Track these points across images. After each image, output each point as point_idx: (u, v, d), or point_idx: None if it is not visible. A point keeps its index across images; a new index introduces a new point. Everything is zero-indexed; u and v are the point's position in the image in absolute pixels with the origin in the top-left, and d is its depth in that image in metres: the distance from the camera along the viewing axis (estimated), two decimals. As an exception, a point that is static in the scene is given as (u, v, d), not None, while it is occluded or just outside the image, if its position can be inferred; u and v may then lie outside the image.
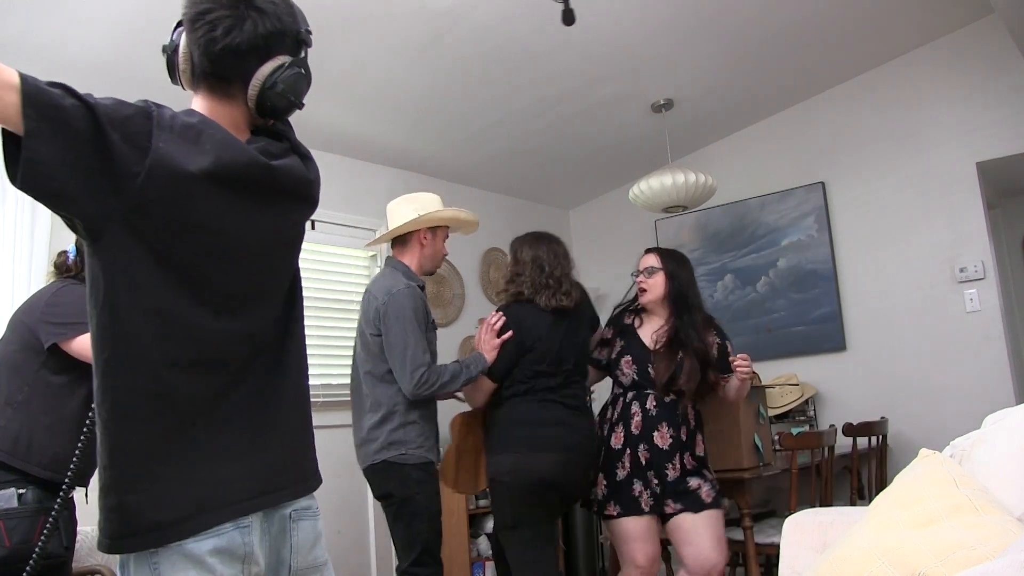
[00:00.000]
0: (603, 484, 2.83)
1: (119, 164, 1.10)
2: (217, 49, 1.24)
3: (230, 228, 1.24)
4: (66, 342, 2.05)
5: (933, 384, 4.28)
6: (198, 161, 1.18)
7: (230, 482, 1.20)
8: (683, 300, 2.88)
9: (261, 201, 1.28)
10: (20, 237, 2.97)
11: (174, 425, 1.18)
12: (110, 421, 1.15)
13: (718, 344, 2.92)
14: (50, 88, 1.08)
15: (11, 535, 1.92)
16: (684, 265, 2.97)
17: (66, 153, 1.07)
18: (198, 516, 1.16)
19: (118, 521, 1.15)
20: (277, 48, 1.28)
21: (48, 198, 1.10)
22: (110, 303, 1.15)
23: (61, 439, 2.06)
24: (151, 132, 1.14)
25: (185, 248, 1.19)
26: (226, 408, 1.23)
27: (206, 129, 1.22)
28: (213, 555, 1.17)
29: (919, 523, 1.42)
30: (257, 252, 1.29)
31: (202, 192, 1.18)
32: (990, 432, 1.70)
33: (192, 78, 1.29)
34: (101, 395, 1.16)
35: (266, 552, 1.27)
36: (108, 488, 1.15)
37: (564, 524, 4.84)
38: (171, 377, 1.17)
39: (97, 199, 1.10)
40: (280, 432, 1.30)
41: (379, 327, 2.72)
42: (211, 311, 1.21)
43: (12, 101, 1.04)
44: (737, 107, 4.79)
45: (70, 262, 2.20)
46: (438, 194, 3.23)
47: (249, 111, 1.30)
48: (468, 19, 3.38)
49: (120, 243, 1.13)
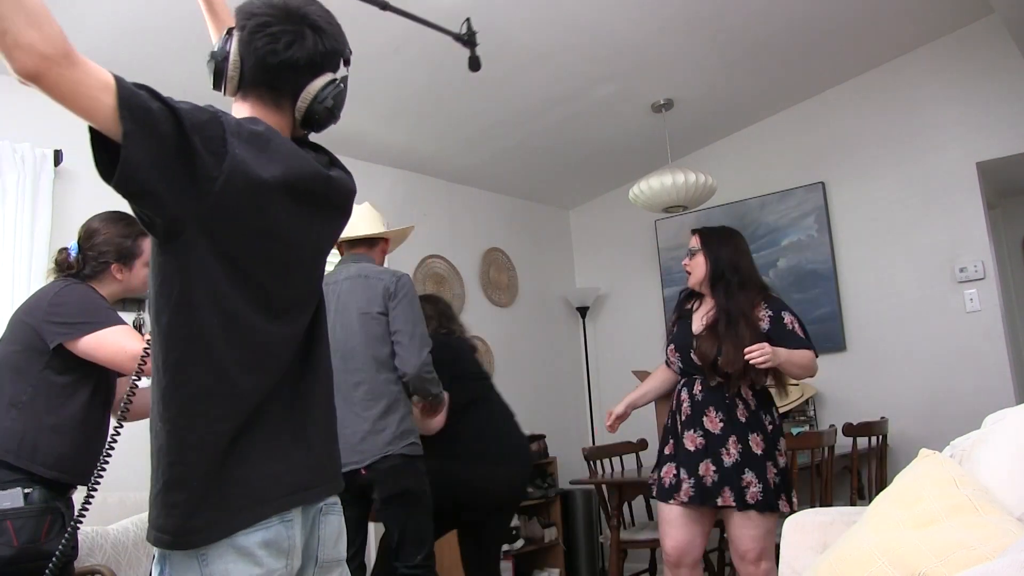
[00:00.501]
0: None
1: (200, 168, 1.14)
2: (276, 61, 1.30)
3: (291, 236, 1.30)
4: (72, 342, 2.04)
5: (933, 384, 4.28)
6: (270, 169, 1.23)
7: (276, 477, 1.25)
8: (722, 278, 2.79)
9: (316, 211, 1.35)
10: (20, 237, 2.96)
11: (237, 424, 1.22)
12: (179, 418, 1.19)
13: (770, 317, 2.75)
14: (139, 90, 1.10)
15: (19, 534, 1.91)
16: (728, 241, 2.86)
17: (155, 155, 1.10)
18: (251, 509, 1.20)
19: (181, 516, 1.17)
20: (328, 65, 1.36)
21: (137, 197, 1.13)
22: (185, 303, 1.18)
23: (65, 439, 2.05)
24: (225, 138, 1.18)
25: (251, 253, 1.24)
26: (273, 408, 1.27)
27: (273, 138, 1.28)
28: (262, 547, 1.21)
29: (919, 523, 1.42)
30: (306, 260, 1.37)
31: (273, 200, 1.24)
32: (990, 432, 1.70)
33: (239, 85, 1.33)
34: (169, 393, 1.19)
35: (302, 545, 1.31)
36: (174, 483, 1.18)
37: (564, 524, 4.84)
38: (236, 377, 1.22)
39: (180, 201, 1.14)
40: (315, 431, 1.34)
41: (386, 306, 2.73)
42: (265, 314, 1.26)
43: (108, 103, 1.06)
44: (737, 107, 4.79)
45: (71, 259, 2.17)
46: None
47: (294, 122, 1.36)
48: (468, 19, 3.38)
49: (196, 245, 1.17)
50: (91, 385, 2.12)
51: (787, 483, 2.70)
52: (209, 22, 1.63)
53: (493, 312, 5.15)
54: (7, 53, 1.00)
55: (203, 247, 1.17)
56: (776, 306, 2.78)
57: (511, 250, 5.36)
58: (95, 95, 1.06)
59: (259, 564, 1.20)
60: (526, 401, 5.16)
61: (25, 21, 0.99)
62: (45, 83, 1.03)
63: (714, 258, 2.82)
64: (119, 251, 2.20)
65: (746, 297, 2.76)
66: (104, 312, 2.10)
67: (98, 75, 1.06)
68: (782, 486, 2.68)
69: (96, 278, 2.18)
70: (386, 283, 2.76)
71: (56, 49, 1.02)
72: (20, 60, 1.00)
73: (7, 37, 0.99)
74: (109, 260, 2.19)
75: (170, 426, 1.19)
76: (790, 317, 2.76)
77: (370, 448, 2.67)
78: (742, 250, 2.86)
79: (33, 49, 1.00)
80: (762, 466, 2.66)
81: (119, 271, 2.21)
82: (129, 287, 2.26)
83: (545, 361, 5.41)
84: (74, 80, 1.04)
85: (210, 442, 1.19)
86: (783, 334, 2.71)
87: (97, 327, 2.04)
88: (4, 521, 1.90)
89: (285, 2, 1.33)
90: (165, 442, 1.19)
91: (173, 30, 2.98)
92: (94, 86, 1.06)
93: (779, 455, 2.71)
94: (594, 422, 5.53)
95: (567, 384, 5.55)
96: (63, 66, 1.02)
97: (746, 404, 2.72)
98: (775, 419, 2.76)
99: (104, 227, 2.20)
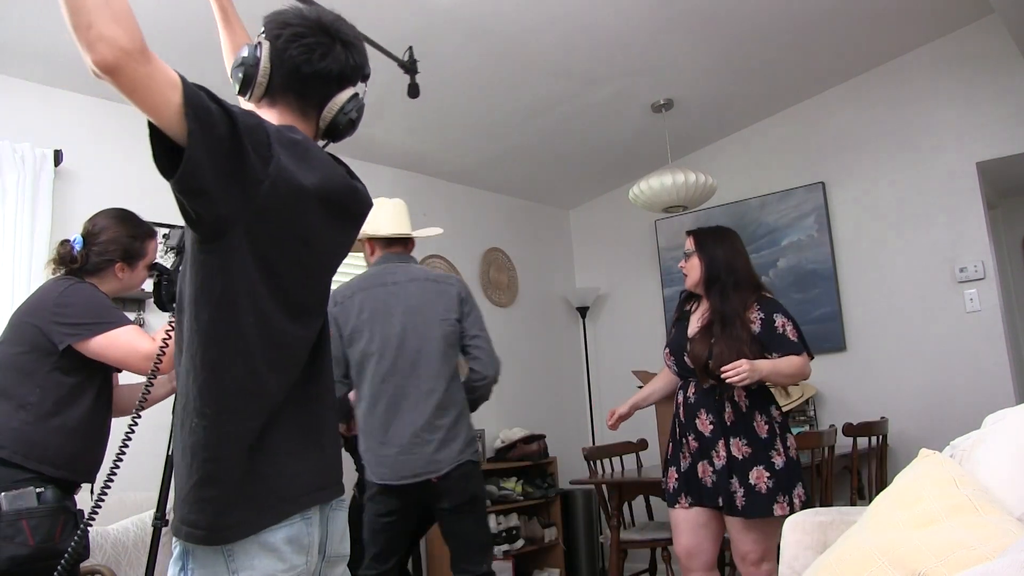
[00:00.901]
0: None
1: (249, 170, 1.17)
2: (310, 71, 1.36)
3: (319, 243, 1.35)
4: (83, 343, 2.04)
5: (933, 384, 4.28)
6: (309, 177, 1.28)
7: (297, 476, 1.28)
8: (718, 280, 2.77)
9: (342, 220, 1.41)
10: (20, 237, 2.96)
11: (264, 422, 1.25)
12: (217, 415, 1.21)
13: (761, 320, 2.70)
14: (199, 90, 1.13)
15: (34, 534, 1.92)
16: (723, 242, 2.83)
17: (213, 155, 1.12)
18: (277, 507, 1.24)
19: (214, 512, 1.20)
20: (353, 79, 1.43)
21: (193, 195, 1.15)
22: (228, 301, 1.21)
23: (73, 439, 2.06)
24: (270, 143, 1.21)
25: (284, 256, 1.27)
26: (290, 409, 1.30)
27: (311, 147, 1.34)
28: (286, 543, 1.24)
29: (919, 523, 1.42)
30: (327, 266, 1.42)
31: (311, 207, 1.29)
32: (990, 432, 1.70)
33: (266, 92, 1.37)
34: (208, 389, 1.21)
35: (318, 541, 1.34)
36: (209, 479, 1.21)
37: (564, 524, 4.84)
38: (267, 377, 1.26)
39: (229, 201, 1.17)
40: (326, 433, 1.39)
41: (461, 311, 2.73)
42: (291, 318, 1.30)
43: (176, 100, 1.08)
44: (737, 107, 4.79)
45: (75, 253, 2.16)
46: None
47: (317, 130, 1.41)
48: (469, 19, 3.38)
49: (239, 246, 1.20)
50: (97, 385, 2.13)
51: (787, 483, 2.63)
52: (223, 32, 1.69)
53: (493, 312, 5.14)
54: (89, 45, 1.02)
55: (244, 248, 1.20)
56: (768, 308, 2.73)
57: (511, 250, 5.36)
58: (165, 92, 1.08)
59: (283, 559, 1.24)
60: (526, 401, 5.16)
61: (110, 15, 1.02)
62: (122, 77, 1.04)
63: (709, 259, 2.80)
64: (126, 250, 2.20)
65: (740, 298, 2.73)
66: (112, 312, 2.10)
67: (167, 73, 1.09)
68: (778, 487, 2.62)
69: (97, 275, 2.18)
70: (457, 288, 2.76)
71: (135, 45, 1.04)
72: (101, 52, 1.02)
73: (92, 30, 1.01)
74: (114, 258, 2.19)
75: (207, 422, 1.21)
76: (782, 319, 2.71)
77: (445, 458, 2.61)
78: (737, 250, 2.84)
79: (116, 43, 1.02)
80: (745, 471, 2.63)
81: (122, 270, 2.21)
82: (127, 287, 2.27)
83: (545, 361, 5.41)
84: (148, 75, 1.06)
85: (243, 439, 1.22)
86: (773, 337, 2.68)
87: (108, 327, 2.04)
88: (19, 520, 1.91)
89: (318, 16, 1.39)
90: (202, 438, 1.21)
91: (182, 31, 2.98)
92: (164, 83, 1.08)
93: (775, 455, 2.64)
94: (594, 422, 5.53)
95: (567, 384, 5.55)
96: (140, 62, 1.05)
97: (736, 407, 2.69)
98: (772, 419, 2.70)
99: (112, 225, 2.20)
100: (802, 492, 2.64)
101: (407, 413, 2.62)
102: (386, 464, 2.61)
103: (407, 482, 2.60)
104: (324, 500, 1.34)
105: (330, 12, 1.42)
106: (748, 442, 2.65)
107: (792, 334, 2.70)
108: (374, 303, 2.68)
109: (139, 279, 2.27)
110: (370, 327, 2.66)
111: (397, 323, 2.67)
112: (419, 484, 2.60)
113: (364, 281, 2.74)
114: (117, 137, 3.40)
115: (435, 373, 2.65)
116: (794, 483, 2.65)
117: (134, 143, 3.44)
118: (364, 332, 2.66)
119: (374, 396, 2.64)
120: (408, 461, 2.59)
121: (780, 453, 2.66)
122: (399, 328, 2.67)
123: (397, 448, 2.60)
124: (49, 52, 3.02)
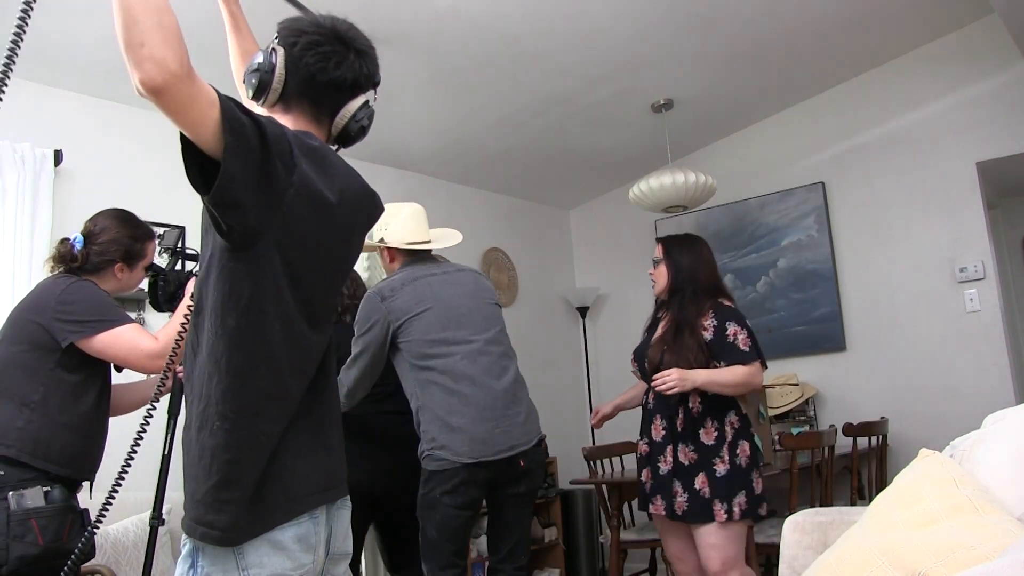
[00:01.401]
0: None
1: (276, 180, 1.20)
2: (325, 79, 1.38)
3: (338, 249, 1.38)
4: (86, 340, 2.04)
5: (933, 384, 4.28)
6: (328, 184, 1.30)
7: (306, 476, 1.30)
8: (679, 289, 2.79)
9: (358, 226, 1.45)
10: (20, 237, 2.96)
11: (286, 425, 1.28)
12: (240, 418, 1.23)
13: (714, 328, 2.70)
14: (232, 103, 1.14)
15: (44, 533, 1.92)
16: (691, 249, 2.85)
17: (247, 168, 1.14)
18: (286, 507, 1.26)
19: (236, 514, 1.21)
20: (364, 87, 1.45)
21: (227, 207, 1.16)
22: (255, 309, 1.23)
23: (77, 436, 2.07)
24: (293, 151, 1.23)
25: (306, 264, 1.29)
26: (302, 410, 1.32)
27: (328, 154, 1.36)
28: (295, 542, 1.27)
29: (919, 523, 1.42)
30: (343, 271, 1.45)
31: (331, 214, 1.31)
32: (990, 432, 1.70)
33: (280, 98, 1.39)
34: (233, 393, 1.23)
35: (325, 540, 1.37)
36: (230, 481, 1.22)
37: (564, 524, 4.84)
38: (290, 382, 1.29)
39: (259, 211, 1.19)
40: (332, 434, 1.41)
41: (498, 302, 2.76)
42: (310, 323, 1.32)
43: (214, 116, 1.10)
44: (737, 107, 4.79)
45: (76, 252, 2.17)
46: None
47: (328, 136, 1.44)
48: (468, 19, 3.38)
49: (267, 254, 1.22)
50: (99, 383, 2.14)
51: (726, 490, 2.60)
52: (232, 37, 1.73)
53: (493, 312, 5.15)
54: (138, 63, 1.03)
55: (273, 255, 1.23)
56: (722, 316, 2.72)
57: (511, 250, 5.36)
58: (204, 110, 1.09)
59: (292, 558, 1.26)
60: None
61: (162, 37, 1.04)
62: (165, 97, 1.06)
63: (675, 268, 2.83)
64: (126, 251, 2.22)
65: (696, 307, 2.75)
66: (115, 310, 2.11)
67: (207, 91, 1.10)
68: (716, 494, 2.60)
69: (96, 274, 2.19)
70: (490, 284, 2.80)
71: (183, 68, 1.05)
72: (150, 73, 1.03)
73: (144, 49, 1.03)
74: (115, 258, 2.20)
75: (230, 424, 1.22)
76: (734, 328, 2.69)
77: (532, 429, 2.57)
78: (703, 258, 2.85)
79: (165, 65, 1.04)
80: (692, 477, 2.64)
81: (121, 270, 2.22)
82: (124, 287, 2.28)
83: (545, 361, 5.40)
84: (191, 96, 1.07)
85: (264, 443, 1.25)
86: (723, 346, 2.68)
87: (111, 325, 2.05)
88: (29, 520, 1.91)
89: (333, 25, 1.42)
90: (223, 440, 1.22)
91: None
92: (205, 101, 1.09)
93: (719, 463, 2.63)
94: (594, 422, 5.53)
95: (567, 384, 5.55)
96: (185, 83, 1.06)
97: (688, 413, 2.69)
98: (724, 425, 2.68)
99: (113, 225, 2.22)
100: (743, 500, 2.60)
101: (494, 381, 2.53)
102: (480, 439, 2.44)
103: (503, 456, 2.45)
104: (330, 500, 1.36)
105: (344, 21, 1.44)
106: (695, 448, 2.68)
107: (744, 343, 2.68)
108: (428, 290, 2.59)
109: (136, 279, 2.28)
110: (434, 307, 2.56)
111: (458, 302, 2.60)
112: (507, 460, 2.45)
113: (406, 276, 2.63)
114: (117, 137, 3.40)
115: (507, 350, 2.63)
116: (735, 491, 2.61)
117: (134, 143, 3.45)
118: (428, 313, 2.55)
119: (457, 369, 2.51)
120: (504, 433, 2.46)
121: (724, 461, 2.64)
122: (464, 304, 2.61)
123: (492, 421, 2.47)
124: (49, 52, 3.02)
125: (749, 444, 2.70)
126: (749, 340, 2.70)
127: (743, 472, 2.65)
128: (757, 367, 2.69)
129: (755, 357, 2.69)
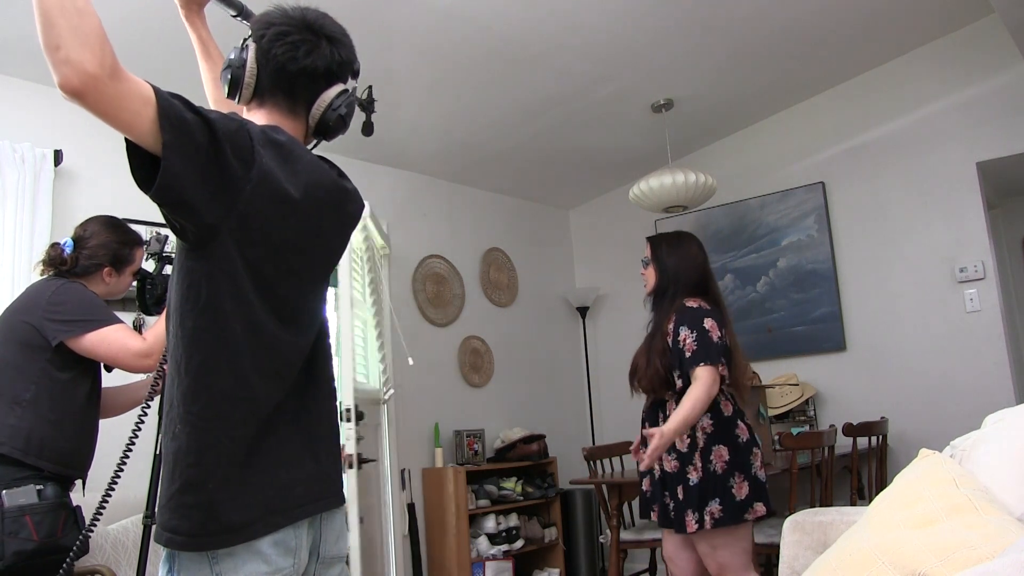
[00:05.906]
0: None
1: (231, 177, 1.16)
2: (296, 68, 1.34)
3: (308, 247, 1.33)
4: (75, 339, 2.08)
5: (933, 384, 4.28)
6: (292, 179, 1.26)
7: (289, 488, 1.26)
8: (664, 291, 2.72)
9: (333, 222, 1.38)
10: (20, 237, 2.97)
11: (257, 429, 1.23)
12: (200, 421, 1.20)
13: (672, 332, 2.60)
14: (174, 100, 1.12)
15: (38, 529, 1.95)
16: (677, 248, 2.75)
17: (192, 165, 1.11)
18: (266, 518, 1.22)
19: (199, 520, 1.18)
20: (340, 76, 1.41)
21: (174, 206, 1.14)
22: (213, 308, 1.20)
23: (68, 434, 2.10)
24: (253, 147, 1.20)
25: (271, 260, 1.25)
26: (283, 419, 1.28)
27: (295, 148, 1.31)
28: (271, 547, 1.23)
29: (919, 523, 1.42)
30: (320, 271, 1.39)
31: (295, 211, 1.27)
32: (990, 432, 1.70)
33: (254, 93, 1.37)
34: (192, 395, 1.20)
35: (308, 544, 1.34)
36: (190, 485, 1.18)
37: (564, 524, 4.84)
38: (257, 384, 1.24)
39: (212, 209, 1.16)
40: (322, 445, 1.36)
41: None
42: (281, 323, 1.28)
43: (149, 115, 1.08)
44: (737, 107, 4.79)
45: (65, 255, 2.22)
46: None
47: (307, 129, 1.40)
48: (468, 19, 3.38)
49: (224, 252, 1.19)
50: (89, 382, 2.18)
51: (697, 500, 2.52)
52: (203, 64, 1.68)
53: (493, 312, 5.15)
54: (55, 67, 1.02)
55: (230, 254, 1.19)
56: (679, 320, 2.61)
57: (511, 250, 5.36)
58: (136, 109, 1.07)
59: (268, 563, 1.22)
60: (526, 401, 5.16)
61: (80, 40, 1.01)
62: (87, 99, 1.04)
63: (661, 269, 2.76)
64: (114, 256, 2.27)
65: (669, 309, 2.67)
66: (104, 310, 2.15)
67: (139, 89, 1.08)
68: (688, 504, 2.53)
69: (85, 277, 2.24)
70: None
71: (103, 69, 1.03)
72: (67, 76, 1.01)
73: (60, 52, 1.01)
74: (103, 263, 2.25)
75: (190, 428, 1.20)
76: (685, 332, 2.56)
77: None
78: (690, 256, 2.74)
79: (81, 67, 1.01)
80: (675, 485, 2.60)
81: (109, 275, 2.27)
82: (112, 291, 2.33)
83: (545, 361, 5.40)
84: (116, 96, 1.05)
85: (228, 447, 1.20)
86: (676, 353, 2.58)
87: (99, 325, 2.09)
88: (23, 516, 1.95)
89: (303, 14, 1.38)
90: (184, 444, 1.20)
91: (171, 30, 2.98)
92: (136, 100, 1.07)
93: (691, 471, 2.54)
94: (594, 422, 5.53)
95: (567, 384, 5.54)
96: (107, 84, 1.03)
97: (667, 419, 2.56)
98: (696, 432, 2.58)
99: (102, 231, 2.28)
100: (717, 508, 2.50)
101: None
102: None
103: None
104: (318, 511, 1.33)
105: (314, 10, 1.40)
106: (676, 456, 2.62)
107: (689, 348, 2.54)
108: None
109: (124, 284, 2.34)
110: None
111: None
112: None
113: None
114: (117, 137, 3.36)
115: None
116: (707, 499, 2.51)
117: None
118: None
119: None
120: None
121: (697, 468, 2.55)
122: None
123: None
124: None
125: (728, 448, 2.55)
126: (695, 343, 2.53)
127: (718, 479, 2.52)
128: (705, 371, 2.49)
129: (699, 361, 2.51)
